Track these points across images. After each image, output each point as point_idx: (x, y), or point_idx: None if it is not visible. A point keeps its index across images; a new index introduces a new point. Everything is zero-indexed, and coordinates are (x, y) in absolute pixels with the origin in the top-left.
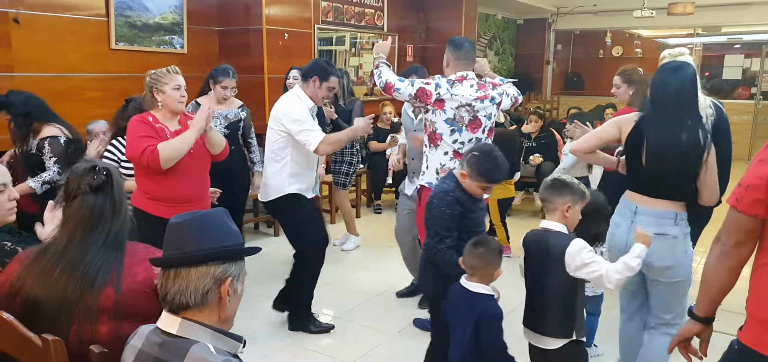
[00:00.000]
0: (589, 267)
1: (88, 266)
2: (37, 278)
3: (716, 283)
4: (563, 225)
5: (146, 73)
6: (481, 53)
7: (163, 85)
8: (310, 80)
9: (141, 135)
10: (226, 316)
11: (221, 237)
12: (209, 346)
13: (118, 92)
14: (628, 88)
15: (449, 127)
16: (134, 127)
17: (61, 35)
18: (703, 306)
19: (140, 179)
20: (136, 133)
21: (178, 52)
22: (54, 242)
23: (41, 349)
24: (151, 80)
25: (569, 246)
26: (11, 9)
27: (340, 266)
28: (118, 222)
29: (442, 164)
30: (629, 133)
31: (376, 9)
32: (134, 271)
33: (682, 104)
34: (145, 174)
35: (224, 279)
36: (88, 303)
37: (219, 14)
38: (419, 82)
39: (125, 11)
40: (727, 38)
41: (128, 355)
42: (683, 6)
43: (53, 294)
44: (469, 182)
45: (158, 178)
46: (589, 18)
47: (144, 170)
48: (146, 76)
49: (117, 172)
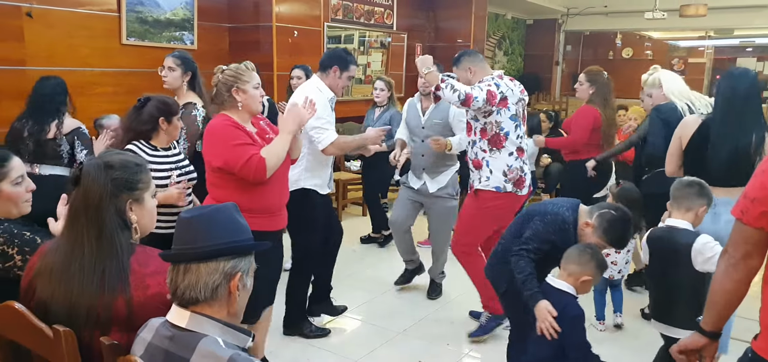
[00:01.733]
0: (713, 258)
1: (84, 270)
2: (44, 277)
3: (723, 296)
4: (690, 223)
5: (217, 69)
6: (490, 53)
7: (244, 83)
8: (330, 70)
9: (240, 142)
10: (235, 311)
11: (231, 232)
12: (218, 340)
13: (129, 87)
14: (589, 87)
15: (514, 124)
16: (228, 133)
17: (73, 30)
18: (711, 320)
19: (227, 191)
20: (233, 139)
21: (188, 48)
22: (57, 240)
23: (52, 340)
24: (229, 78)
25: (696, 243)
26: (25, 3)
27: (345, 264)
28: (93, 222)
29: (509, 166)
30: (692, 136)
31: (386, 7)
32: (146, 284)
33: (749, 107)
34: (237, 185)
35: (234, 274)
36: (98, 314)
37: (229, 11)
38: (484, 85)
39: (136, 7)
40: (740, 41)
41: (138, 347)
42: (695, 8)
43: (57, 298)
44: (590, 233)
45: (252, 189)
46: (600, 19)
47: (236, 181)
48: (218, 73)
49: (90, 167)
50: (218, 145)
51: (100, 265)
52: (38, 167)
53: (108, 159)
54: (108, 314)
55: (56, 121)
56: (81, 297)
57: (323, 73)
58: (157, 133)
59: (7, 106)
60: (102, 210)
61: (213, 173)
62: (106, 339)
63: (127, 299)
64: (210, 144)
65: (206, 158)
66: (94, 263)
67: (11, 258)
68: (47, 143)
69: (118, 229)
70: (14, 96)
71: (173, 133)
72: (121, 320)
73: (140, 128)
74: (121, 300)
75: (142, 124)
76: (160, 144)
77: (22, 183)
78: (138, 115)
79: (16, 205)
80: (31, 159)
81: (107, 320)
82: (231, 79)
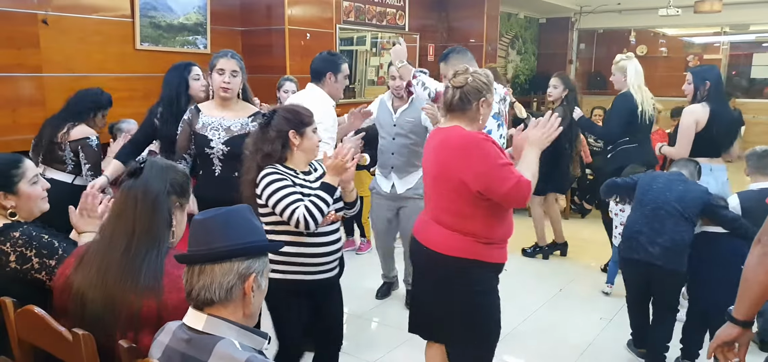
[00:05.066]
0: None
1: (125, 263)
2: (82, 274)
3: (756, 285)
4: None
5: (469, 73)
6: (503, 52)
7: (490, 96)
8: (325, 78)
9: (504, 161)
10: (250, 312)
11: (245, 233)
12: (235, 342)
13: (143, 92)
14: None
15: (496, 122)
16: (490, 150)
17: (87, 36)
18: (743, 310)
19: (476, 223)
20: (497, 158)
21: (202, 52)
22: (97, 237)
23: (72, 344)
24: (482, 84)
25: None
26: (40, 10)
27: (357, 266)
28: (144, 215)
29: None
30: (708, 120)
31: (398, 9)
32: (180, 286)
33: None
34: (487, 212)
35: (248, 275)
36: (131, 310)
37: (242, 14)
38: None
39: (150, 12)
40: (756, 37)
41: (156, 351)
42: (710, 4)
43: (95, 292)
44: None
45: (503, 215)
46: (613, 17)
47: (489, 207)
48: (469, 77)
49: (153, 165)
50: (480, 163)
51: (140, 258)
52: (49, 170)
53: (167, 163)
54: (139, 314)
55: (70, 124)
56: (116, 288)
57: (318, 82)
58: (289, 151)
59: (24, 112)
60: (158, 204)
61: (456, 198)
62: (125, 342)
63: (159, 301)
64: (464, 161)
65: (459, 178)
66: (135, 254)
67: (29, 261)
68: (55, 145)
69: (163, 226)
70: (31, 102)
71: (310, 148)
72: (153, 321)
73: (268, 149)
74: (152, 301)
75: (269, 143)
76: (298, 166)
77: (38, 182)
78: (264, 134)
79: (35, 204)
80: (43, 160)
81: (139, 319)
82: (484, 86)
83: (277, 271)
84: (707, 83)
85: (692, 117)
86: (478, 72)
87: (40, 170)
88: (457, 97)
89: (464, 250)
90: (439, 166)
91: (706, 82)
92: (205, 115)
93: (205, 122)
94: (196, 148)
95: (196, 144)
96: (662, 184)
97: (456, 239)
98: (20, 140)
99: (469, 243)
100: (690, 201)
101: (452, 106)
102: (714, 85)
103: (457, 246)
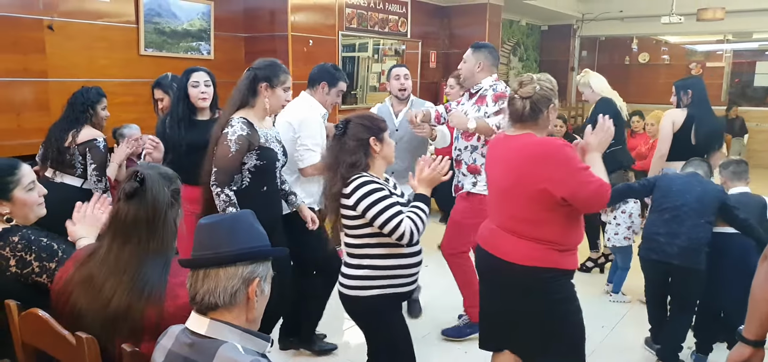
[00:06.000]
0: None
1: (134, 281)
2: (81, 286)
3: (764, 304)
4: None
5: (535, 82)
6: (505, 59)
7: (556, 98)
8: (318, 86)
9: (582, 166)
10: (253, 317)
11: (250, 238)
12: (237, 346)
13: (147, 97)
14: (460, 90)
15: None
16: (570, 155)
17: (92, 42)
18: (753, 329)
19: (553, 229)
20: (576, 163)
21: (205, 58)
22: (98, 249)
23: (75, 347)
24: (549, 91)
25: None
26: (46, 16)
27: None
28: (156, 233)
29: None
30: (683, 123)
31: (400, 16)
32: (176, 293)
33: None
34: (565, 219)
35: (252, 280)
36: (133, 321)
37: (245, 21)
38: (498, 106)
39: (154, 18)
40: (759, 45)
41: (158, 355)
42: (713, 11)
43: (95, 307)
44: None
45: (577, 222)
46: (615, 24)
47: (567, 212)
48: (536, 86)
49: (153, 179)
50: (562, 169)
51: (150, 274)
52: (59, 175)
53: (161, 171)
54: (141, 321)
55: (74, 129)
56: (121, 305)
57: (311, 89)
58: (371, 158)
59: (29, 117)
60: (166, 222)
61: (533, 206)
62: (127, 346)
63: (159, 310)
64: (546, 168)
65: (540, 186)
66: (147, 273)
67: (29, 265)
68: (64, 151)
69: (172, 239)
70: (36, 107)
71: (390, 154)
72: (152, 328)
73: (352, 159)
74: (153, 311)
75: (351, 153)
76: (380, 174)
77: (34, 189)
78: (342, 144)
79: (31, 210)
80: (53, 165)
81: (140, 328)
82: (551, 92)
83: (375, 287)
84: (690, 91)
85: (669, 118)
86: (542, 79)
87: (50, 174)
88: (527, 109)
89: (540, 259)
90: (514, 175)
91: (688, 90)
92: (260, 128)
93: (264, 135)
94: (263, 164)
95: (263, 159)
96: (681, 186)
97: (531, 247)
98: (25, 145)
99: (545, 251)
100: (709, 201)
101: (523, 116)
102: (696, 93)
103: (532, 255)
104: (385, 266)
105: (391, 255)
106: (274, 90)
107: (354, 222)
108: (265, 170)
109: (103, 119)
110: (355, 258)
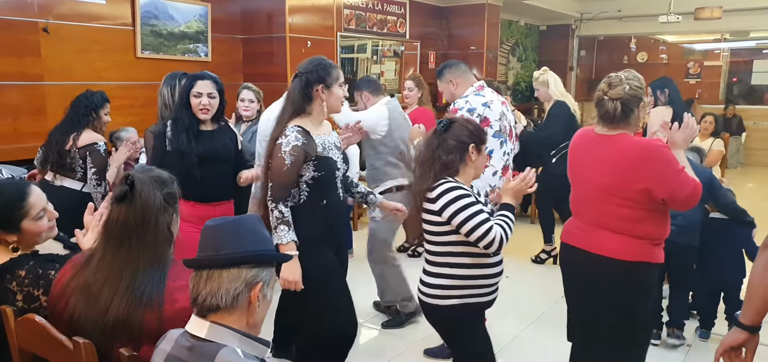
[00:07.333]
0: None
1: (131, 288)
2: (78, 293)
3: (762, 291)
4: None
5: (624, 82)
6: (504, 60)
7: (645, 95)
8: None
9: (681, 167)
10: (254, 321)
11: (254, 241)
12: (237, 350)
13: (144, 100)
14: (418, 92)
15: (498, 140)
16: (669, 155)
17: (88, 44)
18: (749, 315)
19: (649, 224)
20: (675, 163)
21: (203, 60)
22: (93, 255)
23: (72, 352)
24: (639, 90)
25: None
26: (41, 19)
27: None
28: (147, 237)
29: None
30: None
31: (399, 17)
32: (175, 298)
33: None
34: (658, 216)
35: (255, 284)
36: (132, 329)
37: (242, 23)
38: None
39: (151, 20)
40: (756, 43)
41: (157, 359)
42: (710, 11)
43: (93, 315)
44: None
45: (667, 214)
46: (614, 24)
47: (659, 210)
48: (626, 86)
49: (143, 182)
50: (664, 171)
51: (147, 280)
52: (59, 178)
53: (154, 174)
54: (141, 327)
55: (75, 132)
56: (119, 312)
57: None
58: (463, 164)
59: (25, 121)
60: (158, 226)
61: (632, 205)
62: (126, 350)
63: (157, 314)
64: (648, 169)
65: (642, 186)
66: (143, 279)
67: (36, 300)
68: (65, 154)
69: (166, 243)
70: (32, 111)
71: (481, 167)
72: (151, 333)
73: (447, 158)
74: (152, 316)
75: (448, 153)
76: (467, 182)
77: (43, 217)
78: (443, 141)
79: (40, 237)
80: (53, 168)
81: (140, 333)
82: (640, 90)
83: (456, 296)
84: (666, 91)
85: (658, 116)
86: (630, 78)
87: (50, 177)
88: (619, 110)
89: (635, 253)
90: (616, 175)
91: (665, 90)
92: (317, 135)
93: (321, 142)
94: (322, 176)
95: (321, 170)
96: None
97: (628, 242)
98: (21, 149)
99: (640, 245)
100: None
101: (615, 118)
102: (672, 92)
103: (629, 250)
104: (467, 275)
105: (474, 265)
106: (331, 89)
107: (438, 229)
108: (323, 181)
109: (104, 124)
110: (436, 266)
